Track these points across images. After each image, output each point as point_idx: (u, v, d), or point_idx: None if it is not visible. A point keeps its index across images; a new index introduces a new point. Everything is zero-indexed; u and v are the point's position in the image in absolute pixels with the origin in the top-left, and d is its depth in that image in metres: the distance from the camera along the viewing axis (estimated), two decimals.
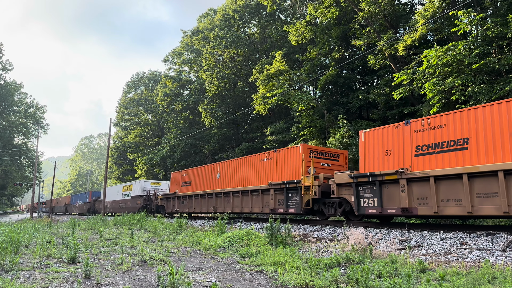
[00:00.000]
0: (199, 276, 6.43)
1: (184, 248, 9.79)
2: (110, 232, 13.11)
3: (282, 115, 38.98)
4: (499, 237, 9.26)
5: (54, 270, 6.17)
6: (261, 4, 39.35)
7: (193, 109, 49.51)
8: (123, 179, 68.93)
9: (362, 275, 5.58)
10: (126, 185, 39.89)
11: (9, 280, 5.32)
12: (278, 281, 6.19)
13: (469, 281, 5.60)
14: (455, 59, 16.49)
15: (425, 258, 8.06)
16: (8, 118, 69.87)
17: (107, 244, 9.73)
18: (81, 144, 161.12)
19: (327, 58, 33.80)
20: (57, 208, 71.00)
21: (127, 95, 72.20)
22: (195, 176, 25.96)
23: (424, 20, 20.55)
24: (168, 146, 48.64)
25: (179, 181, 28.05)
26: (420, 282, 5.76)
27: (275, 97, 27.89)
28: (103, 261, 7.32)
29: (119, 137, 73.69)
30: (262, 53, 42.41)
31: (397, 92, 20.20)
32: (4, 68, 70.01)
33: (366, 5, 23.83)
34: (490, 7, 19.69)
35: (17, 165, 73.13)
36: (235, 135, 44.69)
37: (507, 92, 15.18)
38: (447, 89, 16.78)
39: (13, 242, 7.81)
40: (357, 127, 25.97)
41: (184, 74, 57.35)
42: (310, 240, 11.57)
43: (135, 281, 5.81)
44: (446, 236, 10.02)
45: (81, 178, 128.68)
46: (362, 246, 8.67)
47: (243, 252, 9.04)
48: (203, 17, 54.08)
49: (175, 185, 28.84)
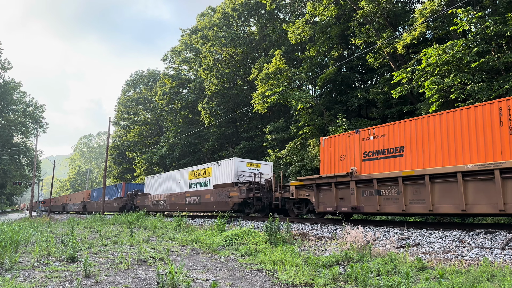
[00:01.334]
0: (198, 274, 6.44)
1: (183, 246, 9.80)
2: (110, 231, 13.11)
3: (281, 113, 38.98)
4: (498, 235, 9.28)
5: (53, 269, 6.17)
6: (260, 3, 39.31)
7: (192, 107, 49.48)
8: (122, 178, 68.91)
9: (362, 274, 5.59)
10: (197, 169, 25.94)
11: (9, 279, 5.32)
12: (277, 280, 6.20)
13: (468, 279, 5.61)
14: (454, 58, 16.50)
15: (424, 256, 8.08)
16: (7, 117, 69.80)
17: (107, 243, 9.73)
18: (80, 143, 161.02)
19: (326, 57, 33.80)
20: (70, 207, 59.91)
21: (126, 94, 72.13)
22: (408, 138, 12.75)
23: (423, 19, 20.55)
24: (167, 145, 48.63)
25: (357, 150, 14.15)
26: (419, 280, 5.78)
27: (274, 95, 27.89)
28: (103, 260, 7.32)
29: (118, 136, 73.64)
30: (261, 51, 42.39)
31: (396, 91, 20.21)
32: (3, 67, 69.90)
33: (365, 3, 23.82)
34: (489, 5, 19.69)
35: (16, 164, 73.09)
36: (234, 134, 44.69)
37: (506, 90, 15.19)
38: (446, 87, 16.79)
39: (13, 241, 7.81)
40: (356, 125, 25.98)
41: (183, 72, 57.32)
42: (310, 238, 11.58)
43: (134, 280, 5.81)
44: (445, 235, 10.04)
45: (80, 177, 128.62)
46: (361, 244, 8.68)
47: (242, 251, 9.04)
48: (202, 16, 54.02)
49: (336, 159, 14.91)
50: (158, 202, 30.05)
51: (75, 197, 57.90)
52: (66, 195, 67.27)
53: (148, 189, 32.97)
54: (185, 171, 27.62)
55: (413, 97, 23.48)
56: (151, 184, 32.76)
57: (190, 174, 26.60)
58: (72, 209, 57.79)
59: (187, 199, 25.70)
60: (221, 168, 23.00)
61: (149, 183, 33.25)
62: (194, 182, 25.71)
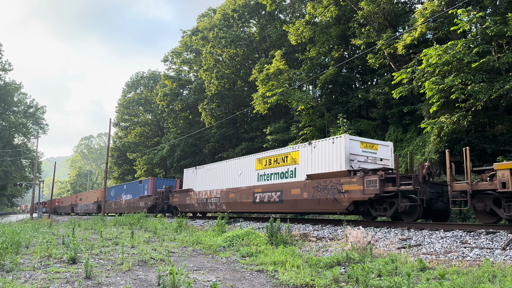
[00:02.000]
0: (199, 275, 6.44)
1: (184, 247, 9.80)
2: (111, 232, 13.12)
3: (281, 114, 38.98)
4: (499, 236, 9.27)
5: (54, 270, 6.18)
6: (260, 4, 39.33)
7: (192, 108, 49.50)
8: (123, 179, 68.93)
9: (363, 274, 5.59)
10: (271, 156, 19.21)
11: (10, 281, 5.33)
12: (278, 281, 6.20)
13: (469, 279, 5.61)
14: (454, 58, 16.49)
15: (425, 257, 8.07)
16: (8, 118, 69.91)
17: (108, 244, 9.74)
18: (81, 144, 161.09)
19: (327, 57, 33.81)
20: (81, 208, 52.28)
21: (127, 95, 72.19)
22: None
23: (424, 19, 20.54)
24: (168, 146, 48.64)
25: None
26: (420, 281, 5.77)
27: (274, 96, 27.90)
28: (104, 261, 7.32)
29: (119, 137, 73.69)
30: (261, 52, 42.41)
31: (396, 91, 20.21)
32: (3, 68, 70.03)
33: (365, 4, 23.83)
34: (489, 5, 19.68)
35: (17, 165, 73.18)
36: (235, 135, 44.69)
37: (507, 91, 15.18)
38: (446, 88, 16.78)
39: (14, 243, 7.81)
40: (356, 126, 26.00)
41: (184, 74, 57.34)
42: (310, 239, 11.58)
43: (135, 281, 5.81)
44: (446, 235, 10.03)
45: (81, 178, 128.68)
46: (362, 245, 8.68)
47: (243, 252, 9.04)
48: (203, 17, 54.05)
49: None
50: (207, 200, 23.28)
51: (87, 196, 50.55)
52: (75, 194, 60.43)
53: (189, 183, 26.20)
54: (248, 159, 20.81)
55: (414, 97, 23.48)
56: (193, 177, 25.92)
57: (259, 162, 19.67)
58: (84, 210, 50.23)
59: (257, 196, 18.88)
60: (319, 151, 16.23)
61: (190, 177, 26.31)
62: (267, 173, 18.89)
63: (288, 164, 17.73)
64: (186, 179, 27.06)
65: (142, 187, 33.40)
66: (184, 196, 26.06)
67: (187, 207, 25.62)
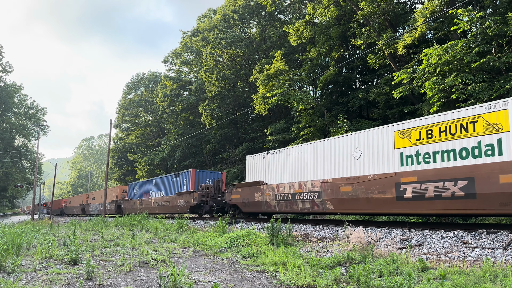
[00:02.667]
0: (200, 276, 6.44)
1: (185, 248, 9.80)
2: (112, 233, 13.13)
3: (282, 115, 38.99)
4: (500, 236, 9.27)
5: (56, 272, 6.18)
6: (260, 4, 39.36)
7: (193, 109, 49.54)
8: (124, 180, 68.92)
9: (364, 275, 5.59)
10: (428, 125, 12.15)
11: (11, 282, 5.34)
12: (279, 281, 6.20)
13: (470, 279, 5.61)
14: (454, 58, 16.50)
15: (426, 257, 8.07)
16: (9, 120, 70.02)
17: (109, 245, 9.74)
18: (81, 146, 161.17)
19: (327, 58, 33.81)
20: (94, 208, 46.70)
21: (127, 96, 72.26)
22: None
23: (424, 19, 20.55)
24: (169, 146, 48.66)
25: None
26: (421, 281, 5.77)
27: (275, 97, 27.91)
28: (105, 262, 7.33)
29: (120, 138, 73.75)
30: (261, 53, 42.42)
31: (397, 91, 20.21)
32: (4, 70, 70.16)
33: (365, 4, 23.83)
34: (489, 5, 19.69)
35: (18, 167, 73.28)
36: (236, 135, 44.71)
37: (507, 91, 15.18)
38: (447, 87, 16.78)
39: (15, 244, 7.82)
40: (357, 126, 25.98)
41: (184, 74, 57.41)
42: (311, 240, 11.57)
43: (136, 282, 5.82)
44: (447, 235, 10.02)
45: (82, 180, 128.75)
46: (363, 245, 8.67)
47: (244, 252, 9.04)
48: (203, 18, 54.12)
49: None
50: (293, 197, 16.65)
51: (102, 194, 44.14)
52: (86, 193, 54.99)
53: (257, 174, 19.69)
54: (376, 133, 13.78)
55: (414, 97, 23.48)
56: (262, 166, 19.31)
57: (403, 136, 12.90)
58: (98, 210, 44.27)
59: (406, 188, 12.26)
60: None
61: (258, 166, 19.76)
62: (424, 152, 12.18)
63: (480, 134, 10.89)
64: (252, 168, 20.36)
65: (179, 181, 26.88)
66: (251, 192, 19.32)
67: (256, 206, 19.05)
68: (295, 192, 16.64)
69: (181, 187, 26.51)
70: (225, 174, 27.88)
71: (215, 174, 26.89)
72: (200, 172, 26.06)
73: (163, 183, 29.78)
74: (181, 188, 26.32)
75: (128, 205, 35.51)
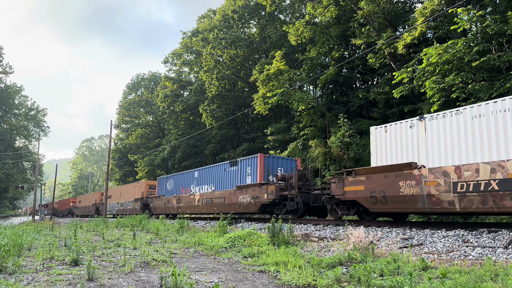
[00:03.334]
0: (201, 276, 6.45)
1: (186, 249, 9.81)
2: (112, 234, 13.14)
3: (282, 115, 38.99)
4: (501, 235, 9.26)
5: (57, 273, 6.19)
6: (260, 4, 39.36)
7: (193, 110, 49.55)
8: (125, 180, 68.93)
9: (365, 274, 5.59)
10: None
11: (13, 283, 5.34)
12: (280, 281, 6.20)
13: (471, 278, 5.61)
14: (455, 57, 16.49)
15: (427, 256, 8.07)
16: (9, 121, 70.10)
17: (110, 245, 9.75)
18: (82, 146, 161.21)
19: (327, 57, 33.81)
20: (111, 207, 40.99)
21: (128, 97, 72.31)
22: None
23: (424, 18, 20.54)
24: (169, 147, 48.68)
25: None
26: (423, 280, 5.77)
27: (275, 97, 27.91)
28: (106, 263, 7.33)
29: (120, 139, 73.78)
30: (261, 53, 42.42)
31: (397, 91, 20.21)
32: (4, 71, 70.24)
33: (365, 3, 23.84)
34: (489, 4, 19.68)
35: (19, 168, 73.38)
36: (236, 136, 44.72)
37: (508, 89, 15.17)
38: (447, 87, 16.78)
39: (16, 245, 7.83)
40: (357, 126, 25.99)
41: (184, 75, 57.43)
42: (312, 239, 11.57)
43: (138, 282, 5.82)
44: (448, 234, 10.02)
45: (83, 180, 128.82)
46: (364, 245, 8.67)
47: (245, 252, 9.05)
48: (203, 18, 54.13)
49: None
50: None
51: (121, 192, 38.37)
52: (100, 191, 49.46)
53: (395, 152, 13.21)
54: None
55: (415, 96, 23.48)
56: (412, 139, 12.66)
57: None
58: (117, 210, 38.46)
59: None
60: None
61: (400, 139, 13.09)
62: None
63: None
64: (383, 144, 13.64)
65: (238, 171, 20.78)
66: (390, 180, 12.65)
67: (401, 203, 12.39)
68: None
69: (242, 178, 20.44)
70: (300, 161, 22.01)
71: (289, 162, 20.72)
72: (270, 158, 19.85)
73: (211, 174, 23.41)
74: (243, 180, 20.32)
75: (159, 203, 29.03)
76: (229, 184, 21.39)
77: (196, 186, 24.96)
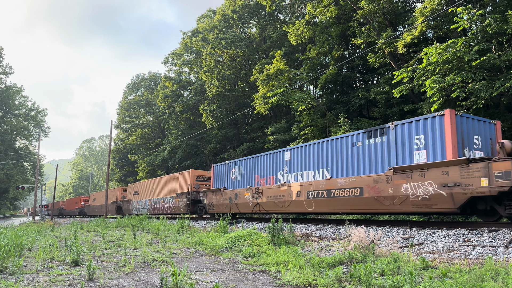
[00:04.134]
0: (202, 276, 6.44)
1: (186, 249, 9.81)
2: (113, 234, 13.14)
3: (282, 114, 38.98)
4: (501, 234, 9.25)
5: (57, 273, 6.19)
6: (260, 4, 39.35)
7: (193, 110, 49.55)
8: (125, 181, 68.94)
9: (365, 274, 5.58)
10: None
11: (13, 284, 5.34)
12: (281, 281, 6.20)
13: (472, 278, 5.60)
14: (455, 56, 16.47)
15: (428, 256, 8.06)
16: (9, 121, 70.14)
17: (110, 246, 9.75)
18: (82, 147, 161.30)
19: (327, 57, 33.80)
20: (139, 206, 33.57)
21: (128, 97, 72.34)
22: None
23: (423, 18, 20.53)
24: (169, 147, 48.68)
25: None
26: (423, 280, 5.77)
27: (275, 97, 27.90)
28: (106, 263, 7.33)
29: (120, 139, 73.81)
30: (261, 53, 42.42)
31: (397, 90, 20.19)
32: (4, 72, 70.27)
33: (365, 3, 23.82)
34: (489, 3, 19.66)
35: (19, 168, 73.42)
36: (236, 136, 44.72)
37: (508, 88, 15.16)
38: (447, 86, 16.76)
39: (16, 245, 7.83)
40: (358, 125, 25.97)
41: (184, 75, 57.43)
42: (313, 239, 11.57)
43: (138, 283, 5.82)
44: (448, 233, 10.01)
45: (83, 181, 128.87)
46: (365, 244, 8.67)
47: (245, 252, 9.04)
48: (203, 18, 54.13)
49: None
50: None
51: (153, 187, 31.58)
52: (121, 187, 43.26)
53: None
54: None
55: (415, 96, 23.46)
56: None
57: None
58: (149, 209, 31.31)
59: None
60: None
61: None
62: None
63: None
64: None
65: (389, 144, 12.84)
66: None
67: None
68: None
69: (401, 155, 12.44)
70: None
71: (486, 126, 12.50)
72: (464, 118, 11.70)
73: (322, 154, 15.56)
74: (403, 158, 12.35)
75: (218, 199, 21.67)
76: (365, 167, 13.67)
77: (289, 173, 17.37)
